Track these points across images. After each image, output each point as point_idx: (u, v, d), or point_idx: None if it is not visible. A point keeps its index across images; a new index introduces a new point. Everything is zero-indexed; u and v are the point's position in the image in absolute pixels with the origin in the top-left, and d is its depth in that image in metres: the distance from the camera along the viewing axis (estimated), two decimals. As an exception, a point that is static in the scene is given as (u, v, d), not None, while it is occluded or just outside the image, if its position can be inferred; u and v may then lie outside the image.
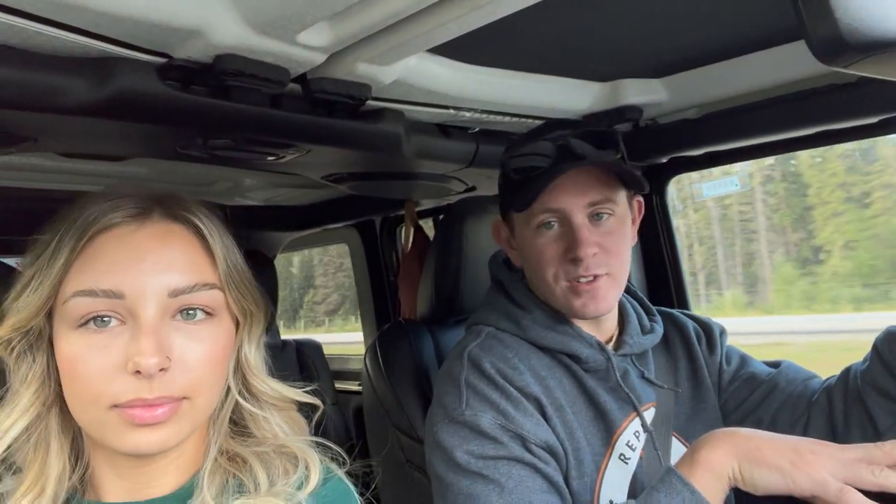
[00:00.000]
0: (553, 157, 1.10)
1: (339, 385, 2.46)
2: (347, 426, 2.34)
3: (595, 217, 1.10)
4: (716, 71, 1.28)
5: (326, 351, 2.42)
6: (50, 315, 0.71)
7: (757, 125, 1.36)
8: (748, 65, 1.24)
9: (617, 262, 1.11)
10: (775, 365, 1.25)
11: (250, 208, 2.23)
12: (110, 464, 0.73)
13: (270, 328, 2.34)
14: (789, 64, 1.21)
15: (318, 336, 2.54)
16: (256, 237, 2.44)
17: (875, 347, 1.09)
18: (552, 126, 1.18)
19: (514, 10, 0.86)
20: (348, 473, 0.84)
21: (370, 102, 1.16)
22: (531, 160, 1.12)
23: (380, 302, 2.52)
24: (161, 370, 0.66)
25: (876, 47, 0.40)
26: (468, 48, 1.11)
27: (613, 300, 1.13)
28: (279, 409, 0.82)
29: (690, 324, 1.30)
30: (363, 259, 2.54)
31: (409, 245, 1.96)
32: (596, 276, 1.08)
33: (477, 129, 1.46)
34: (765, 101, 1.31)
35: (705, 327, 1.30)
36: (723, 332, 1.31)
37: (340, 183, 1.59)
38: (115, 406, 0.66)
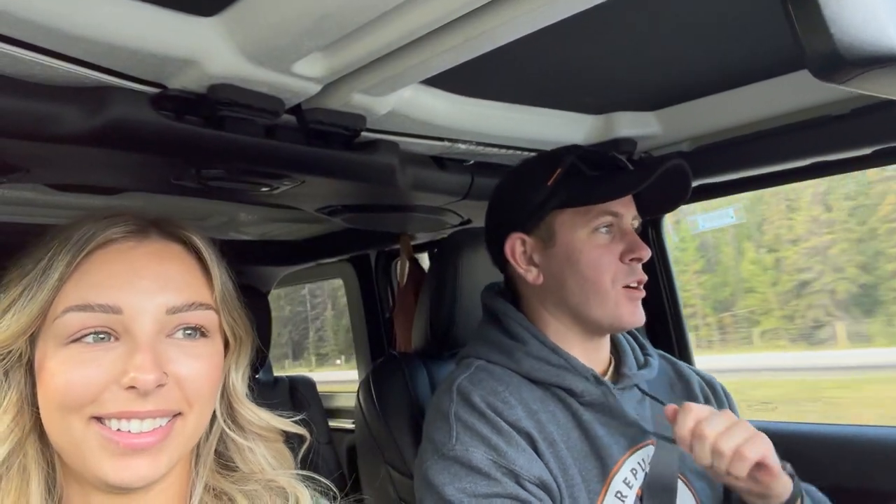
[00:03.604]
0: (615, 163, 1.16)
1: (333, 423, 2.42)
2: (340, 465, 2.28)
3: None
4: (709, 104, 1.29)
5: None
6: (32, 338, 0.68)
7: (750, 157, 1.36)
8: (740, 97, 1.25)
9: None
10: None
11: (244, 243, 2.22)
12: (86, 500, 0.70)
13: (264, 364, 2.32)
14: (782, 96, 1.22)
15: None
16: (250, 272, 2.42)
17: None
18: (566, 150, 1.19)
19: (505, 41, 0.87)
20: None
21: (365, 133, 1.16)
22: (604, 159, 1.16)
23: (375, 337, 2.49)
24: (158, 386, 0.65)
25: (872, 63, 0.39)
26: (463, 80, 1.11)
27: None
28: (265, 439, 0.80)
29: (696, 379, 1.29)
30: (358, 294, 2.52)
31: (405, 278, 1.94)
32: (640, 283, 1.12)
33: (472, 162, 1.46)
34: (757, 133, 1.32)
35: (710, 384, 1.30)
36: (725, 390, 1.30)
37: (335, 215, 1.58)
38: (98, 419, 0.64)
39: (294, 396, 2.28)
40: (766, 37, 1.05)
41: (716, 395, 1.27)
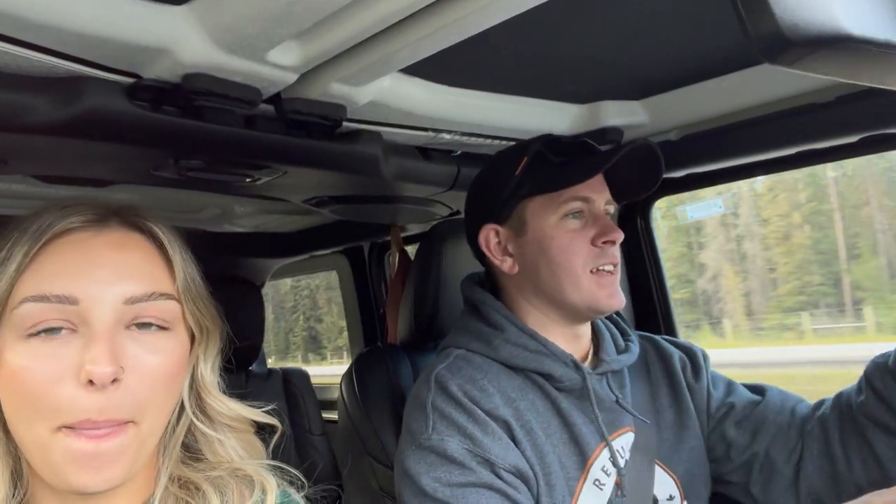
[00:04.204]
0: (585, 148, 1.16)
1: (327, 415, 2.41)
2: (335, 456, 2.28)
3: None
4: (696, 92, 1.27)
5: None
6: None
7: (738, 146, 1.35)
8: (728, 85, 1.23)
9: (619, 257, 1.14)
10: (759, 391, 1.23)
11: (238, 235, 2.22)
12: (52, 492, 0.69)
13: (256, 356, 2.32)
14: (769, 83, 1.21)
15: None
16: (244, 264, 2.41)
17: (867, 379, 1.05)
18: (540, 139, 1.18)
19: (481, 28, 0.86)
20: (311, 499, 0.81)
21: (346, 123, 1.15)
22: (573, 145, 1.16)
23: (368, 329, 2.49)
24: (114, 381, 0.63)
25: (819, 43, 0.38)
26: (445, 69, 1.10)
27: (623, 296, 1.15)
28: (235, 430, 0.79)
29: (676, 353, 1.28)
30: (352, 285, 2.52)
31: (395, 270, 1.94)
32: (615, 266, 1.11)
33: (458, 152, 1.46)
34: (745, 121, 1.31)
35: (689, 353, 1.28)
36: (705, 356, 1.29)
37: (323, 207, 1.58)
38: (64, 427, 0.63)
39: (288, 388, 2.28)
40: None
41: (693, 363, 1.26)
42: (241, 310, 2.04)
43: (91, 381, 0.62)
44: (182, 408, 0.76)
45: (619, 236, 1.11)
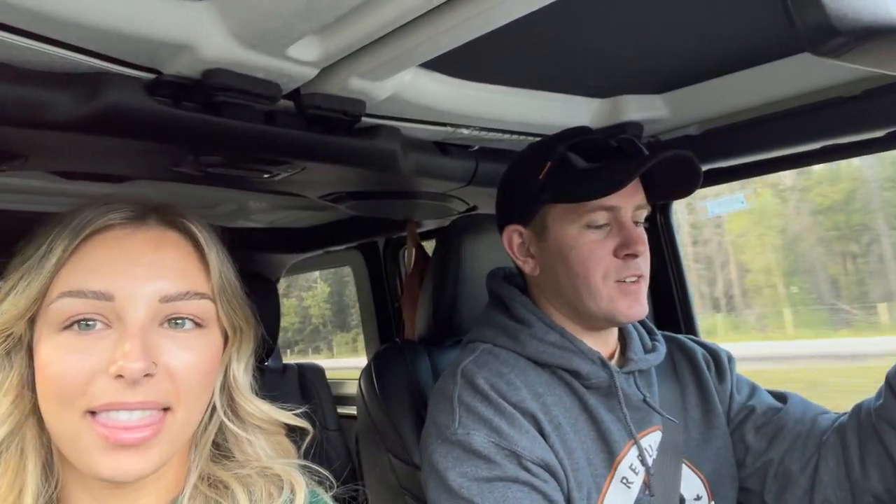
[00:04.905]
0: (619, 150, 1.10)
1: (342, 410, 2.42)
2: (350, 452, 2.29)
3: (634, 221, 1.11)
4: (717, 86, 1.26)
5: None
6: (32, 320, 0.69)
7: (760, 141, 1.33)
8: (750, 79, 1.22)
9: (647, 267, 1.10)
10: (782, 398, 1.21)
11: (253, 230, 2.22)
12: (83, 485, 0.70)
13: (272, 352, 2.33)
14: (792, 78, 1.19)
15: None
16: (259, 260, 2.42)
17: (888, 382, 1.03)
18: (568, 134, 1.15)
19: (503, 22, 0.85)
20: (338, 499, 0.81)
21: (365, 119, 1.14)
22: (605, 148, 1.10)
23: (384, 325, 2.49)
24: (146, 376, 0.64)
25: (867, 35, 0.37)
26: (465, 64, 1.10)
27: (647, 305, 1.11)
28: (266, 432, 0.79)
29: (699, 350, 1.26)
30: (367, 281, 2.51)
31: (412, 265, 1.93)
32: (639, 277, 1.08)
33: (476, 147, 1.45)
34: (768, 115, 1.29)
35: (713, 354, 1.27)
36: (731, 358, 1.27)
37: (340, 203, 1.57)
38: (91, 413, 0.63)
39: (303, 384, 2.29)
40: (775, 16, 1.02)
41: (718, 364, 1.24)
42: (258, 305, 2.04)
43: (121, 376, 0.63)
44: (214, 407, 0.76)
45: (643, 249, 1.07)
